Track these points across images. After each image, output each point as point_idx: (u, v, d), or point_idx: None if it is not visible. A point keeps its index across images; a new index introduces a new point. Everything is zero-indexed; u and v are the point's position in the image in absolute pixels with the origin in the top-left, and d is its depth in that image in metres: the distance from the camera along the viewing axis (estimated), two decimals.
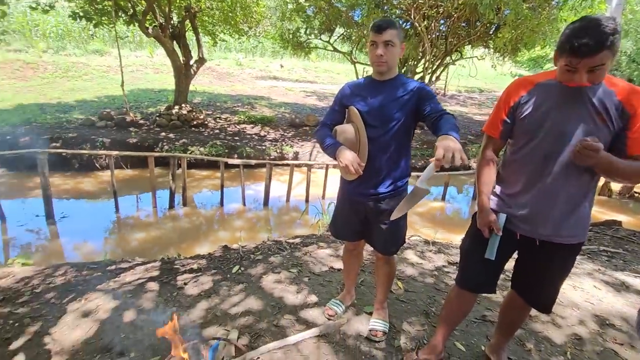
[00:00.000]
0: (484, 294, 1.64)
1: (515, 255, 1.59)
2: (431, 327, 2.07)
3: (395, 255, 1.98)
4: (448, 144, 1.26)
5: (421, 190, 1.38)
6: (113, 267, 2.81)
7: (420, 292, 2.47)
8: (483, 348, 1.92)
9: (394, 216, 1.58)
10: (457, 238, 4.13)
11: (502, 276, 1.77)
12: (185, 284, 2.43)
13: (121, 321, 1.99)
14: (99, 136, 8.78)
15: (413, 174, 2.90)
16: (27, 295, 2.30)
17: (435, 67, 11.54)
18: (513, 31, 8.74)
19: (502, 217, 1.44)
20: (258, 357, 1.74)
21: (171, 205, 6.38)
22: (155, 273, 2.62)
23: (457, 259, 3.13)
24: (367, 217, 1.85)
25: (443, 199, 7.57)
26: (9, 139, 7.96)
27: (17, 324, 1.94)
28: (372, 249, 1.96)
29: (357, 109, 1.71)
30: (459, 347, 1.92)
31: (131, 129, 9.56)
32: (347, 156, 1.63)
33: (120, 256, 3.39)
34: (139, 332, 1.90)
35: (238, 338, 1.82)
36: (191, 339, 1.79)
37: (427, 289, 2.52)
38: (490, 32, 10.39)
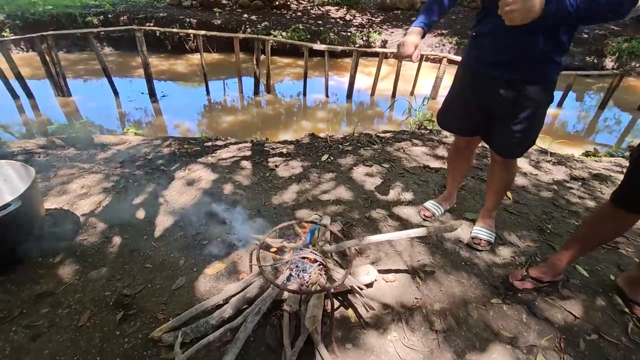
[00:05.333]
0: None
1: None
2: (546, 245, 1.80)
3: (516, 160, 1.62)
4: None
5: None
6: (209, 143, 2.94)
7: (533, 206, 2.12)
8: (612, 277, 1.62)
9: None
10: (574, 152, 3.41)
11: None
12: (276, 166, 2.44)
13: (222, 193, 2.09)
14: (187, 17, 8.74)
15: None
16: (142, 160, 2.54)
17: None
18: None
19: None
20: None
21: (256, 92, 6.41)
22: (248, 153, 2.67)
23: (583, 173, 2.60)
24: (492, 107, 1.45)
25: (559, 105, 6.28)
26: (110, 17, 8.38)
27: (136, 184, 2.17)
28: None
29: None
30: (581, 271, 1.64)
31: (215, 9, 9.28)
32: (405, 42, 1.37)
33: (212, 135, 3.55)
34: (238, 205, 1.98)
35: (330, 224, 1.79)
36: (286, 220, 1.80)
37: (542, 204, 2.16)
38: None
